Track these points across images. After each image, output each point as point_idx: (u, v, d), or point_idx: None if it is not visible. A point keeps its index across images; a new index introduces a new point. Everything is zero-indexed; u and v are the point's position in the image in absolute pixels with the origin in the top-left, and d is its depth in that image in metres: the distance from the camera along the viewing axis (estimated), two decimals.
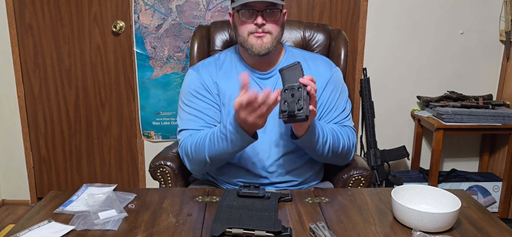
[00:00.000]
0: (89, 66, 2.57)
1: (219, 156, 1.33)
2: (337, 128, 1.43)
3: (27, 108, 2.62)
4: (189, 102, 1.45)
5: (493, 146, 2.66)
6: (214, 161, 1.36)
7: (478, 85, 2.61)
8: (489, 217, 1.13)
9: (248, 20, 1.37)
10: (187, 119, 1.43)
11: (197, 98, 1.44)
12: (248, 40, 1.38)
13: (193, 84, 1.46)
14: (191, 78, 1.48)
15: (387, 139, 2.65)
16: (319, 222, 1.05)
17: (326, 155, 1.40)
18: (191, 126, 1.42)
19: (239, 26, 1.40)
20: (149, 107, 2.60)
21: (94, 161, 2.71)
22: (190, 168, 1.44)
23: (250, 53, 1.39)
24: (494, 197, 2.53)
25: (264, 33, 1.37)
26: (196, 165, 1.40)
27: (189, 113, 1.44)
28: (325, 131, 1.36)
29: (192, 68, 1.51)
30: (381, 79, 2.58)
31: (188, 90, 1.46)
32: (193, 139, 1.37)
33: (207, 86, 1.45)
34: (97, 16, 2.50)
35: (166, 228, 1.05)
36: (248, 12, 1.36)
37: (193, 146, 1.36)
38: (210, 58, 1.54)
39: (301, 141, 1.32)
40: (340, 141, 1.40)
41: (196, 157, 1.37)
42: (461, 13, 2.51)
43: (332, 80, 1.48)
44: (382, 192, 1.27)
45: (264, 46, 1.37)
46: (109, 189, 1.23)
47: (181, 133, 1.44)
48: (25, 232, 1.02)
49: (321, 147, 1.36)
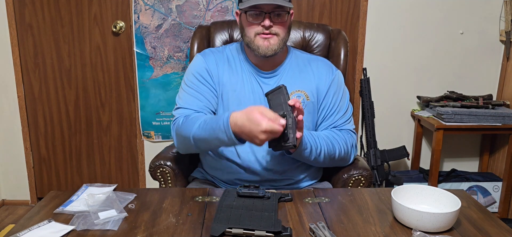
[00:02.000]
0: (89, 66, 2.56)
1: (202, 140, 1.31)
2: (333, 134, 1.44)
3: (27, 108, 2.62)
4: (190, 84, 1.46)
5: (493, 146, 2.66)
6: (197, 143, 1.33)
7: (478, 85, 2.61)
8: (489, 217, 1.13)
9: (256, 21, 1.37)
10: (186, 98, 1.45)
11: (199, 81, 1.45)
12: (255, 41, 1.38)
13: (198, 67, 1.47)
14: (197, 61, 1.49)
15: (387, 139, 2.65)
16: (319, 222, 1.05)
17: (321, 163, 1.43)
18: (189, 105, 1.42)
19: (246, 27, 1.40)
20: (149, 107, 2.60)
21: (94, 161, 2.71)
22: (177, 146, 1.44)
23: (257, 54, 1.40)
24: (494, 197, 2.53)
25: (271, 35, 1.37)
26: (182, 143, 1.39)
27: (189, 94, 1.45)
28: (318, 143, 1.37)
29: (200, 53, 1.52)
30: (381, 79, 2.58)
31: (192, 72, 1.48)
32: (187, 118, 1.37)
33: (210, 72, 1.46)
34: (97, 16, 2.49)
35: (166, 228, 1.05)
36: (256, 13, 1.36)
37: (185, 122, 1.36)
38: (219, 47, 1.56)
39: (293, 156, 1.35)
40: (335, 148, 1.41)
41: (183, 131, 1.35)
42: (461, 13, 2.51)
43: (334, 83, 1.49)
44: (382, 192, 1.27)
45: (270, 47, 1.38)
46: (109, 189, 1.23)
47: (178, 110, 1.45)
48: (25, 232, 1.02)
49: (314, 158, 1.38)
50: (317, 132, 1.43)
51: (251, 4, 1.34)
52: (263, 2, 1.32)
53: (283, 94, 1.22)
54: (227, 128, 1.21)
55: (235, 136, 1.20)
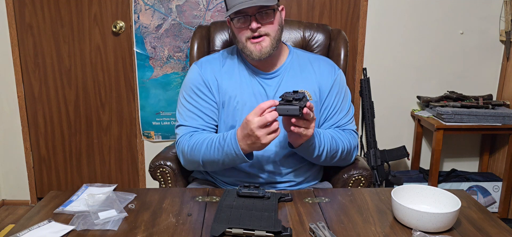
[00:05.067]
0: (89, 66, 2.57)
1: (212, 163, 1.35)
2: (337, 133, 1.44)
3: (27, 108, 2.62)
4: (189, 98, 1.45)
5: (493, 146, 2.66)
6: (207, 166, 1.38)
7: (478, 85, 2.61)
8: (489, 217, 1.13)
9: (243, 26, 1.37)
10: (187, 116, 1.44)
11: (197, 95, 1.45)
12: (247, 46, 1.38)
13: (195, 80, 1.46)
14: (193, 74, 1.48)
15: (387, 139, 2.65)
16: (319, 222, 1.05)
17: (324, 161, 1.42)
18: (190, 123, 1.43)
19: (237, 33, 1.40)
20: (149, 107, 2.60)
21: (94, 161, 2.71)
22: (184, 164, 1.46)
23: (251, 59, 1.40)
24: (494, 197, 2.53)
25: (262, 37, 1.37)
26: (190, 164, 1.43)
27: (189, 110, 1.44)
28: (322, 140, 1.37)
29: (195, 63, 1.51)
30: (381, 79, 2.58)
31: (190, 86, 1.47)
32: (191, 140, 1.38)
33: (208, 83, 1.45)
34: (97, 16, 2.49)
35: (166, 228, 1.05)
36: (242, 18, 1.36)
37: (190, 147, 1.37)
38: (215, 54, 1.55)
39: (298, 150, 1.35)
40: (338, 146, 1.41)
41: (191, 158, 1.38)
42: (461, 13, 2.51)
43: (337, 83, 1.49)
44: (382, 192, 1.27)
45: (263, 51, 1.37)
46: (109, 189, 1.23)
47: (180, 128, 1.45)
48: (25, 232, 1.02)
49: (318, 155, 1.38)
50: (321, 130, 1.42)
51: (233, 10, 1.33)
52: (244, 6, 1.31)
53: (298, 92, 1.25)
54: (234, 141, 1.26)
55: (243, 152, 1.26)
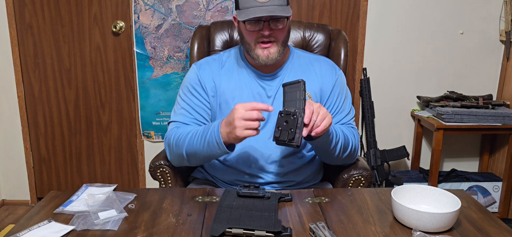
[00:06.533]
0: (89, 66, 2.56)
1: (195, 155, 1.35)
2: (345, 128, 1.45)
3: (27, 108, 2.62)
4: (184, 97, 1.47)
5: (493, 146, 2.66)
6: (190, 158, 1.37)
7: (478, 85, 2.61)
8: (489, 217, 1.13)
9: (254, 29, 1.36)
10: (179, 113, 1.46)
11: (192, 94, 1.46)
12: (255, 50, 1.38)
13: (192, 79, 1.48)
14: (191, 74, 1.50)
15: (387, 139, 2.65)
16: (319, 222, 1.05)
17: (337, 155, 1.39)
18: (181, 119, 1.44)
19: (246, 35, 1.39)
20: (149, 107, 2.60)
21: (94, 161, 2.71)
22: (170, 158, 1.46)
23: (257, 63, 1.40)
24: (494, 197, 2.53)
25: (271, 43, 1.37)
26: (176, 157, 1.42)
27: (182, 107, 1.46)
28: (337, 131, 1.37)
29: (195, 64, 1.52)
30: (381, 79, 2.58)
31: (187, 85, 1.49)
32: (177, 132, 1.39)
33: (204, 84, 1.46)
34: (97, 16, 2.49)
35: (166, 228, 1.05)
36: (254, 21, 1.35)
37: (176, 138, 1.38)
38: (215, 56, 1.55)
39: (316, 142, 1.31)
40: (349, 139, 1.41)
41: (176, 150, 1.39)
42: (461, 13, 2.51)
43: (338, 83, 1.49)
44: (382, 192, 1.27)
45: (270, 57, 1.37)
46: (109, 189, 1.23)
47: (170, 124, 1.47)
48: (25, 232, 1.02)
49: (334, 147, 1.36)
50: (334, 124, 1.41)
51: (249, 17, 1.31)
52: (261, 14, 1.30)
53: (300, 90, 1.19)
54: (217, 129, 1.25)
55: (223, 140, 1.24)
